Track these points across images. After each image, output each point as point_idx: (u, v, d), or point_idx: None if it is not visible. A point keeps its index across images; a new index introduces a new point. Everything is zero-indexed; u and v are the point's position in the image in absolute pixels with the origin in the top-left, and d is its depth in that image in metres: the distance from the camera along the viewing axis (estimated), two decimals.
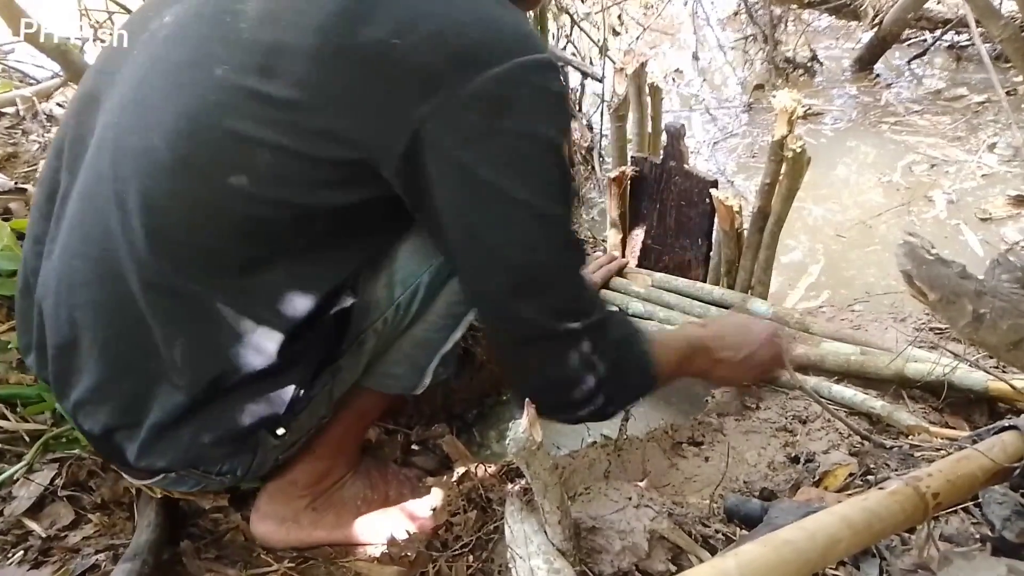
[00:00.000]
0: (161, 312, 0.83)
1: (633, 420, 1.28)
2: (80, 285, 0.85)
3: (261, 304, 0.83)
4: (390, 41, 0.75)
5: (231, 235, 0.81)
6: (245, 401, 0.87)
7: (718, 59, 3.36)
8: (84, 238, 0.85)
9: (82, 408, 0.89)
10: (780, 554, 0.63)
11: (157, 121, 0.81)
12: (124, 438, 0.89)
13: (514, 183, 0.80)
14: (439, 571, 0.93)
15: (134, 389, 0.87)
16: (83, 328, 0.86)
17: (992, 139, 2.44)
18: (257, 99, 0.77)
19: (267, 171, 0.79)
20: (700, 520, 0.91)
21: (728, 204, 1.45)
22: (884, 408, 1.14)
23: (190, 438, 0.88)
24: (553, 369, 0.88)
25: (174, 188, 0.80)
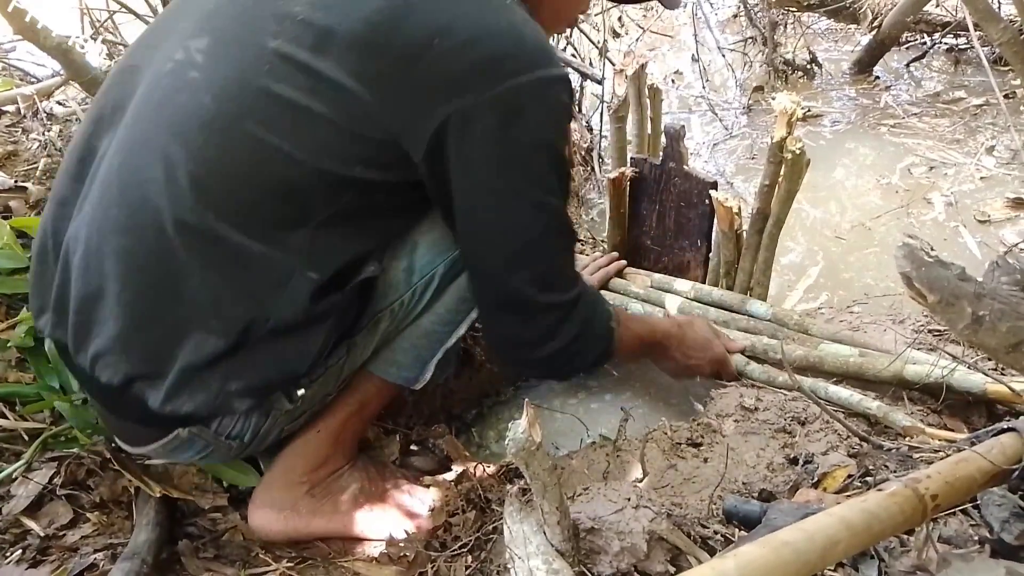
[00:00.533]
0: (199, 256, 0.88)
1: (632, 421, 1.28)
2: (113, 233, 0.89)
3: (293, 257, 0.90)
4: (430, 41, 0.86)
5: (269, 192, 0.89)
6: (273, 352, 0.92)
7: (717, 61, 3.36)
8: (122, 188, 0.89)
9: (102, 358, 0.92)
10: (779, 555, 0.63)
11: (207, 81, 0.87)
12: (146, 386, 0.92)
13: (517, 178, 0.93)
14: (438, 571, 0.93)
15: (160, 336, 0.90)
16: (112, 277, 0.89)
17: (990, 142, 2.45)
18: (308, 72, 0.85)
19: (310, 138, 0.87)
20: (699, 521, 0.91)
21: (727, 205, 1.45)
22: (880, 409, 1.14)
23: (219, 383, 0.91)
24: (523, 331, 1.05)
25: (221, 142, 0.87)
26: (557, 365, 1.11)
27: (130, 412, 0.96)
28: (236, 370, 0.91)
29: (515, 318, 1.04)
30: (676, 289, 1.60)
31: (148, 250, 0.88)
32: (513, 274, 0.99)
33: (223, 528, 1.11)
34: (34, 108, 1.78)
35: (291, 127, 0.86)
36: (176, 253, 0.87)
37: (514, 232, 0.97)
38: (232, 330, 0.89)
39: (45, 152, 1.62)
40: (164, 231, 0.87)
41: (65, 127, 1.74)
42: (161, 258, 0.88)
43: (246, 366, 0.91)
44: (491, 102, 0.88)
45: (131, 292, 0.89)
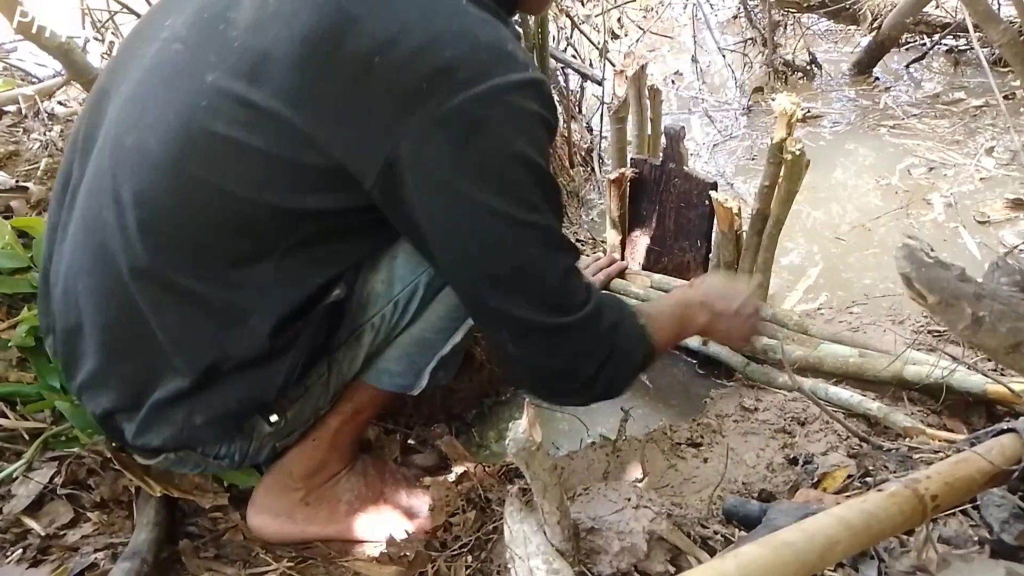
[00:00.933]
0: (153, 301, 0.87)
1: (632, 421, 1.29)
2: (82, 273, 0.90)
3: (250, 296, 0.87)
4: (372, 58, 0.78)
5: (219, 232, 0.85)
6: (236, 386, 0.91)
7: (717, 62, 3.36)
8: (86, 229, 0.90)
9: (86, 391, 0.94)
10: (779, 555, 0.63)
11: (152, 121, 0.85)
12: (124, 419, 0.94)
13: (488, 196, 0.83)
14: (438, 571, 0.93)
15: (133, 374, 0.91)
16: (85, 314, 0.91)
17: (990, 143, 2.45)
18: (244, 105, 0.80)
19: (254, 175, 0.83)
20: (699, 521, 0.91)
21: (727, 206, 1.45)
22: (880, 410, 1.14)
23: (183, 418, 0.92)
24: (548, 360, 0.93)
25: (166, 186, 0.84)
26: (606, 383, 0.98)
27: (118, 438, 0.99)
28: (199, 406, 0.91)
29: (534, 349, 0.92)
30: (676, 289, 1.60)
31: (111, 292, 0.88)
32: (510, 302, 0.88)
33: (224, 528, 1.11)
34: (35, 108, 1.78)
35: (232, 165, 0.82)
36: (134, 297, 0.87)
37: (499, 259, 0.86)
38: (195, 369, 0.89)
39: (46, 152, 1.62)
40: (120, 275, 0.87)
41: (66, 127, 1.74)
42: (122, 300, 0.88)
43: (209, 401, 0.91)
44: (444, 119, 0.79)
45: (101, 331, 0.90)
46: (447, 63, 0.79)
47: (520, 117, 0.83)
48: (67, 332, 0.93)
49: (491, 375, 1.60)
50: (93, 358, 0.92)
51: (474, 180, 0.82)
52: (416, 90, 0.78)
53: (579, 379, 0.95)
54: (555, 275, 0.90)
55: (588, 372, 0.94)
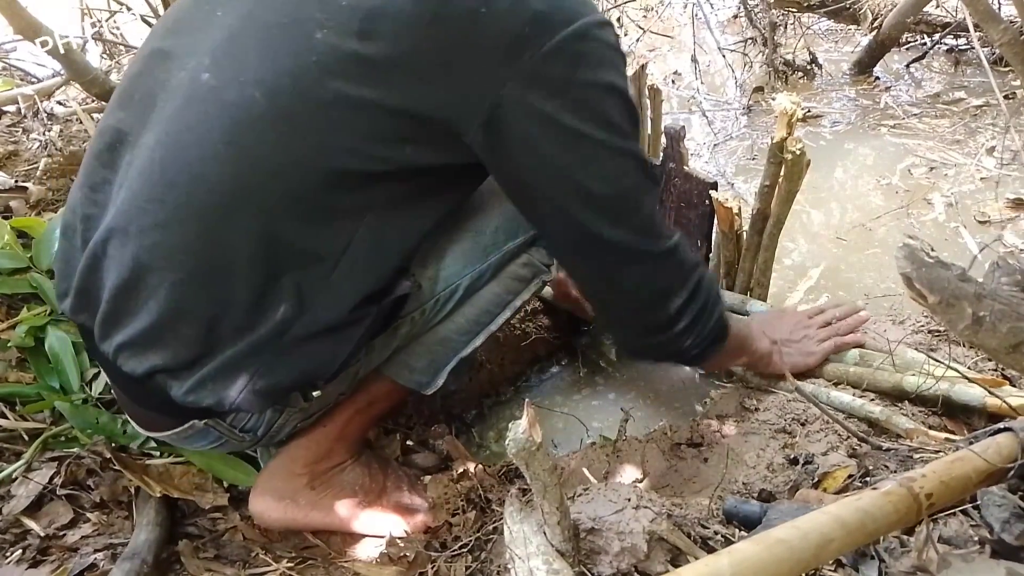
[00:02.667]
0: (247, 254, 0.87)
1: (632, 421, 1.29)
2: (154, 227, 0.87)
3: (336, 255, 0.89)
4: (479, 9, 0.82)
5: (318, 185, 0.87)
6: (305, 354, 0.91)
7: (717, 62, 3.36)
8: (166, 184, 0.87)
9: (128, 348, 0.91)
10: (773, 552, 0.63)
11: (256, 77, 0.85)
12: (169, 378, 0.92)
13: (593, 126, 0.88)
14: (438, 571, 0.93)
15: (194, 332, 0.89)
16: (150, 270, 0.88)
17: (991, 142, 2.44)
18: (357, 61, 0.83)
19: (365, 128, 0.85)
20: (699, 521, 0.91)
21: (727, 206, 1.45)
22: (883, 412, 1.14)
23: (246, 380, 0.91)
24: (649, 282, 0.99)
25: (273, 139, 0.85)
26: (690, 322, 1.02)
27: (149, 401, 0.96)
28: (265, 369, 0.91)
29: (636, 274, 0.98)
30: None
31: (191, 248, 0.87)
32: (614, 229, 0.93)
33: (223, 528, 1.11)
34: (35, 108, 1.78)
35: (342, 120, 0.85)
36: (223, 251, 0.87)
37: (605, 184, 0.91)
38: (269, 328, 0.89)
39: (45, 152, 1.62)
40: (211, 229, 0.86)
41: (65, 127, 1.74)
42: (206, 255, 0.87)
43: (275, 366, 0.91)
44: (548, 57, 0.84)
45: (171, 285, 0.88)
46: (544, 7, 0.84)
47: (609, 50, 0.89)
48: (120, 288, 0.89)
49: (491, 375, 1.60)
50: (148, 315, 0.89)
51: (577, 112, 0.87)
52: (520, 34, 0.83)
53: (673, 305, 1.00)
54: (650, 203, 0.97)
55: (678, 302, 1.00)
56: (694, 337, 1.05)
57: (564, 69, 0.85)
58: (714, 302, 1.07)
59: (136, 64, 0.98)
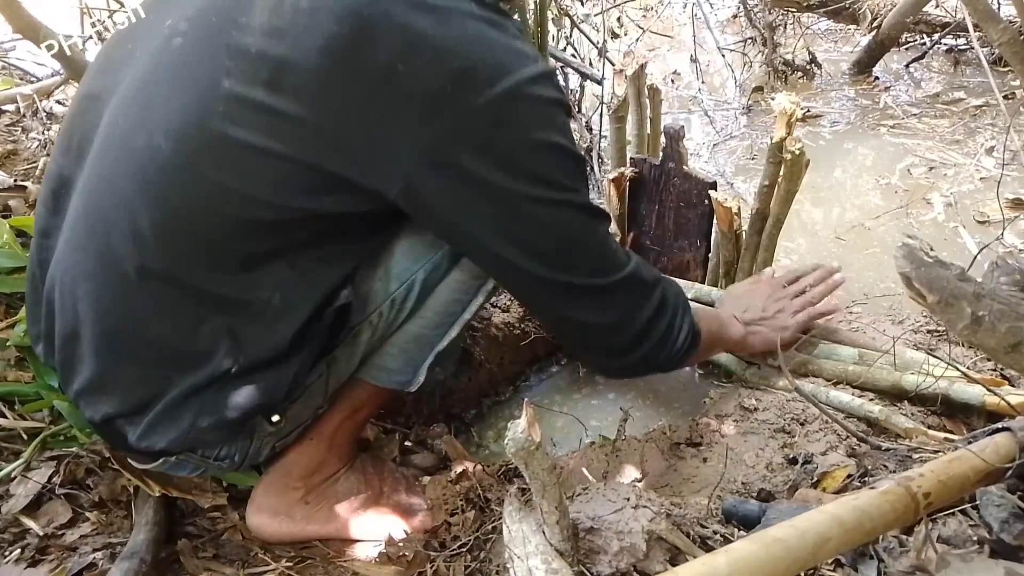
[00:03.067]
0: (166, 302, 0.87)
1: (631, 421, 1.29)
2: (83, 276, 0.89)
3: (263, 297, 0.88)
4: (395, 66, 0.79)
5: (233, 233, 0.85)
6: (244, 387, 0.90)
7: (717, 61, 3.36)
8: (88, 232, 0.88)
9: (83, 396, 0.93)
10: (770, 551, 0.63)
11: (162, 122, 0.83)
12: (126, 423, 0.92)
13: (526, 183, 0.86)
14: (437, 571, 0.93)
15: (138, 378, 0.90)
16: (84, 319, 0.89)
17: (990, 142, 2.45)
18: (264, 111, 0.80)
19: (272, 178, 0.82)
20: (698, 521, 0.91)
21: (727, 206, 1.45)
22: (882, 412, 1.14)
23: (190, 421, 0.91)
24: (607, 313, 0.99)
25: (180, 186, 0.83)
26: (659, 337, 1.03)
27: (117, 442, 0.97)
28: (207, 407, 0.91)
29: (587, 308, 0.97)
30: None
31: (115, 296, 0.87)
32: (562, 277, 0.93)
33: (222, 527, 1.11)
34: (34, 107, 1.78)
35: (250, 169, 0.82)
36: (143, 299, 0.86)
37: (544, 240, 0.91)
38: (203, 370, 0.88)
39: (45, 151, 1.62)
40: (127, 278, 0.86)
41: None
42: (128, 304, 0.87)
43: (217, 403, 0.91)
44: (472, 118, 0.82)
45: (102, 336, 0.89)
46: (468, 65, 0.80)
47: (542, 105, 0.86)
48: (64, 338, 0.91)
49: (490, 375, 1.60)
50: (93, 363, 0.90)
51: (506, 169, 0.85)
52: (441, 94, 0.80)
53: (635, 331, 1.01)
54: (595, 243, 0.96)
55: (642, 323, 1.01)
56: (667, 350, 1.06)
57: (489, 128, 0.83)
58: (682, 311, 1.08)
59: (73, 105, 0.98)
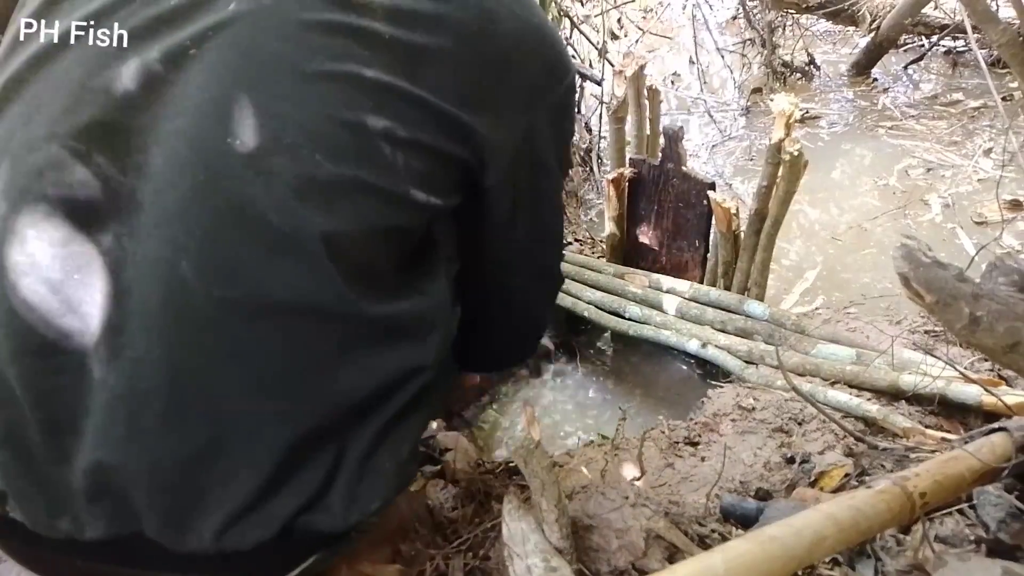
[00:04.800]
0: (372, 341, 0.75)
1: (629, 420, 1.29)
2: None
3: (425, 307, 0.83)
4: (511, 54, 0.80)
5: (384, 251, 0.76)
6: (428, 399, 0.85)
7: (716, 63, 3.37)
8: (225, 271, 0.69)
9: (245, 519, 0.71)
10: (766, 549, 0.63)
11: (304, 132, 0.68)
12: (314, 515, 0.73)
13: (558, 170, 0.96)
14: (436, 568, 0.93)
15: (312, 450, 0.73)
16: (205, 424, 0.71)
17: (988, 144, 2.45)
18: (407, 100, 0.72)
19: (416, 172, 0.75)
20: (696, 519, 0.91)
21: (725, 206, 1.46)
22: (880, 411, 1.15)
23: (391, 464, 0.78)
24: (547, 310, 1.15)
25: (346, 206, 0.70)
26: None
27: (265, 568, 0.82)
28: (400, 438, 0.81)
29: (552, 296, 1.13)
30: (674, 289, 1.61)
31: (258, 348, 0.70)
32: (557, 260, 1.07)
33: None
34: None
35: (398, 164, 0.73)
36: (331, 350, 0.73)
37: (557, 220, 1.02)
38: (391, 403, 0.79)
39: None
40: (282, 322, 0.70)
41: None
42: (281, 345, 0.72)
43: (410, 431, 0.83)
44: (553, 107, 0.87)
45: (265, 411, 0.72)
46: (554, 57, 0.86)
47: (576, 101, 1.01)
48: (171, 484, 0.69)
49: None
50: (248, 479, 0.70)
51: (556, 158, 0.94)
52: (539, 82, 0.85)
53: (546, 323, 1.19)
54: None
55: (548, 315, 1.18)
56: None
57: (559, 120, 0.90)
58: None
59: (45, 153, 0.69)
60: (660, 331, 1.55)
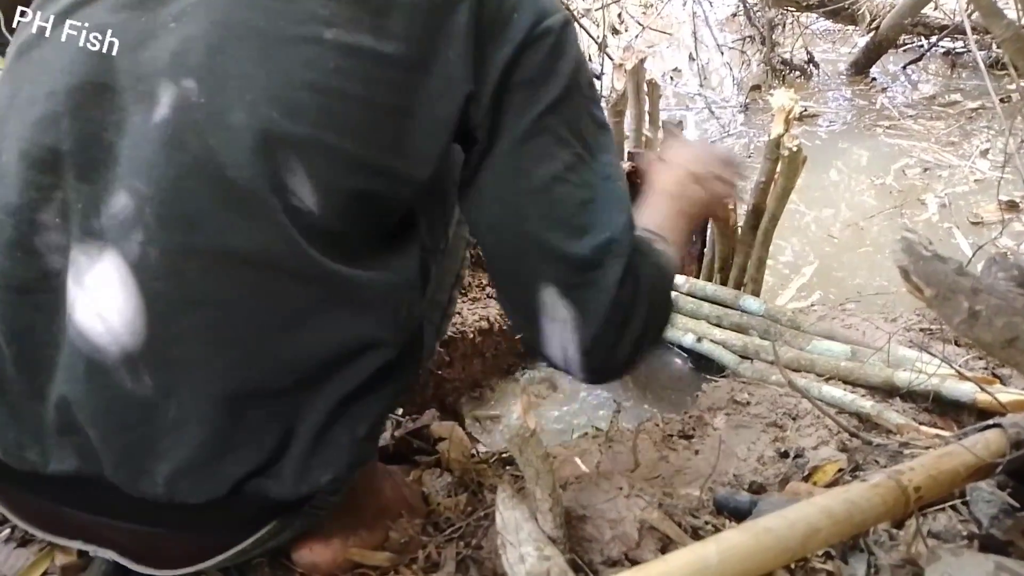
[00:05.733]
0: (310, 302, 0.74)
1: (624, 413, 1.29)
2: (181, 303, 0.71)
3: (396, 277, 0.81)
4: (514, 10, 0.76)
5: (359, 211, 0.75)
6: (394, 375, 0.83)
7: (715, 59, 3.37)
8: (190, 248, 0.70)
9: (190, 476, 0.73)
10: (759, 541, 0.63)
11: (263, 92, 0.70)
12: (263, 480, 0.75)
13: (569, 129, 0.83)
14: (428, 556, 0.93)
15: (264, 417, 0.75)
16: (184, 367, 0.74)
17: (985, 145, 2.46)
18: (375, 60, 0.72)
19: (390, 137, 0.74)
20: (690, 511, 0.91)
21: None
22: (874, 408, 1.15)
23: (349, 437, 0.78)
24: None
25: (306, 163, 0.71)
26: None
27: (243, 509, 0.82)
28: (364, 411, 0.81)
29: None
30: None
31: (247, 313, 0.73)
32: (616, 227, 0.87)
33: None
34: None
35: (369, 131, 0.73)
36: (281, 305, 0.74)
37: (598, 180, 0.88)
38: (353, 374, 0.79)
39: None
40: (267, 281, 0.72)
41: None
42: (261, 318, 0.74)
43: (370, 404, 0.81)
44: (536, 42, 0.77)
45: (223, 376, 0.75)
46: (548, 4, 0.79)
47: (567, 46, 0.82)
48: (125, 425, 0.72)
49: (484, 364, 1.60)
50: (203, 424, 0.72)
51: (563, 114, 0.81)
52: (516, 20, 0.76)
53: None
54: None
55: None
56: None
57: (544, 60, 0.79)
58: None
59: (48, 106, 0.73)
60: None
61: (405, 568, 0.92)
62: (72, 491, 0.76)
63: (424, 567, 0.92)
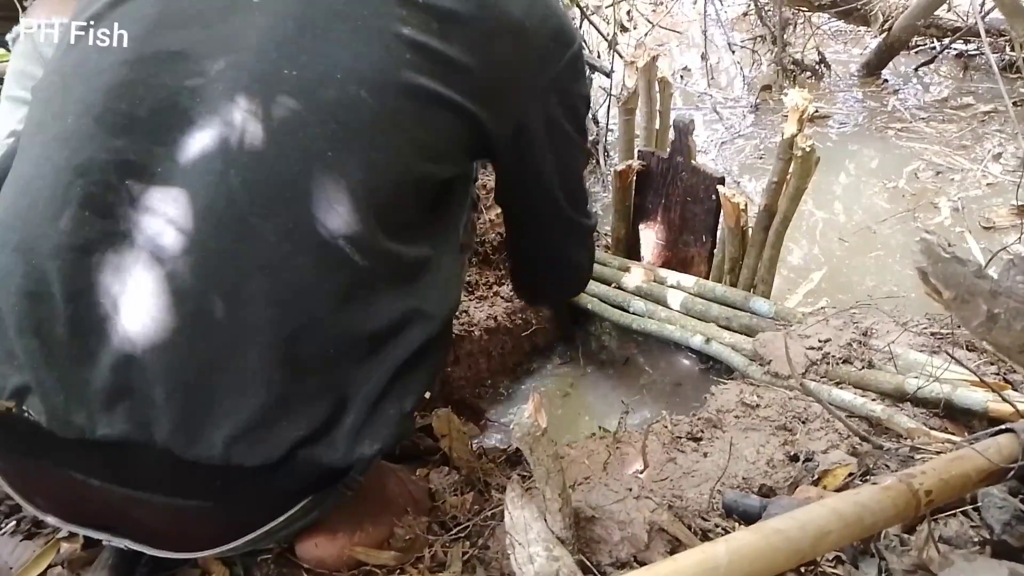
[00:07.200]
0: (358, 280, 0.78)
1: (632, 414, 1.28)
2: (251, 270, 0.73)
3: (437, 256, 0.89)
4: (524, 21, 0.87)
5: (419, 191, 0.84)
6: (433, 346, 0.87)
7: (726, 59, 3.35)
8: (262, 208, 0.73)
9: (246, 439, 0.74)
10: (770, 542, 0.63)
11: (351, 72, 0.76)
12: (316, 447, 0.77)
13: (575, 130, 1.02)
14: (435, 556, 0.92)
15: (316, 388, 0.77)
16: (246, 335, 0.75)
17: (997, 149, 2.44)
18: (441, 61, 0.81)
19: (451, 130, 0.84)
20: (699, 514, 0.91)
21: (735, 201, 1.45)
22: (884, 412, 1.14)
23: (397, 403, 0.81)
24: (584, 254, 1.25)
25: (385, 142, 0.78)
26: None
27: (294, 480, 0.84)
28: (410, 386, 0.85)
29: (580, 247, 1.20)
30: (680, 284, 1.60)
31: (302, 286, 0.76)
32: (576, 213, 1.12)
33: None
34: None
35: (437, 121, 0.81)
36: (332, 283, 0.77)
37: (578, 179, 1.11)
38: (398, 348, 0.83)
39: None
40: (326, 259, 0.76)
41: None
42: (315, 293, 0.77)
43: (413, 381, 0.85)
44: (563, 71, 0.93)
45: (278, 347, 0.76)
46: (561, 25, 0.92)
47: (585, 67, 1.04)
48: (189, 385, 0.73)
49: (491, 364, 1.59)
50: (261, 390, 0.73)
51: (571, 119, 1.00)
52: (549, 49, 0.91)
53: (586, 271, 1.33)
54: (585, 185, 1.18)
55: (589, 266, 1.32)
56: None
57: (569, 82, 0.96)
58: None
59: (121, 72, 0.77)
60: (664, 326, 1.54)
61: (411, 567, 0.92)
62: (111, 461, 0.76)
63: (430, 566, 0.92)
